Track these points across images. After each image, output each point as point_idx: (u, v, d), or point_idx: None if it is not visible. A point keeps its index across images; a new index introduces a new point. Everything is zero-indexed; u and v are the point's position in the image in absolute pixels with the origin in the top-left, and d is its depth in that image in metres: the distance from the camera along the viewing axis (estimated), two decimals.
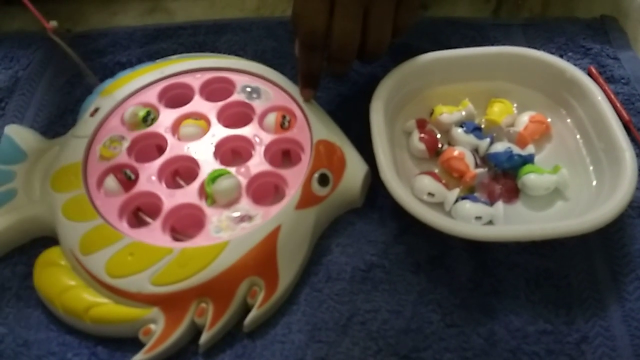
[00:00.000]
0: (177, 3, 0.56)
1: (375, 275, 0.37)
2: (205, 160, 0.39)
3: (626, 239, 0.38)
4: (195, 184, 0.38)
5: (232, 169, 0.39)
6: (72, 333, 0.35)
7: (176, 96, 0.44)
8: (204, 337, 0.34)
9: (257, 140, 0.40)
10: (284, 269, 0.36)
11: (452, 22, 0.52)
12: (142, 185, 0.38)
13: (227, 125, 0.42)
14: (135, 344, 0.34)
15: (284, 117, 0.41)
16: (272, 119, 0.41)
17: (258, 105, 0.42)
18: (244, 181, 0.38)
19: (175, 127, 0.42)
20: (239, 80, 0.44)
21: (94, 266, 0.35)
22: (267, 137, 0.41)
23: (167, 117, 0.42)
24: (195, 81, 0.44)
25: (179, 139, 0.41)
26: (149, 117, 0.42)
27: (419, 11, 0.41)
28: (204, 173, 0.39)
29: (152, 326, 0.34)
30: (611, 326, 0.35)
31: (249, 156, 0.40)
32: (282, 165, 0.40)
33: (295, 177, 0.38)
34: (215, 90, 0.44)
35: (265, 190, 0.39)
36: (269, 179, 0.39)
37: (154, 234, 0.36)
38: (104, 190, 0.39)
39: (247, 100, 0.43)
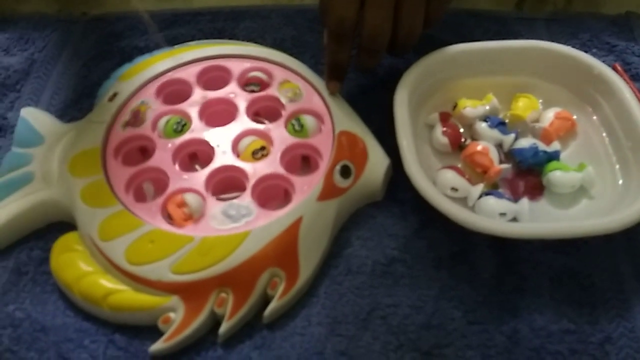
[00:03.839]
0: None
1: (396, 270, 0.37)
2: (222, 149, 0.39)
3: None
4: (206, 170, 0.38)
5: (249, 165, 0.38)
6: (90, 320, 0.35)
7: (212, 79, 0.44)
8: (224, 327, 0.33)
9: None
10: (304, 261, 0.35)
11: (474, 14, 0.51)
12: (155, 162, 0.38)
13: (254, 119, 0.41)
14: (154, 332, 0.33)
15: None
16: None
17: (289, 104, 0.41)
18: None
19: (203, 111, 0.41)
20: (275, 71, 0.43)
21: (113, 253, 0.34)
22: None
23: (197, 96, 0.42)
24: (236, 66, 0.44)
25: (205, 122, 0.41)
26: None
27: (449, 2, 0.40)
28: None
29: (172, 315, 0.33)
30: (636, 327, 0.34)
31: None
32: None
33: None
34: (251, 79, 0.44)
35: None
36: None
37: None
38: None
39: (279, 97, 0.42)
